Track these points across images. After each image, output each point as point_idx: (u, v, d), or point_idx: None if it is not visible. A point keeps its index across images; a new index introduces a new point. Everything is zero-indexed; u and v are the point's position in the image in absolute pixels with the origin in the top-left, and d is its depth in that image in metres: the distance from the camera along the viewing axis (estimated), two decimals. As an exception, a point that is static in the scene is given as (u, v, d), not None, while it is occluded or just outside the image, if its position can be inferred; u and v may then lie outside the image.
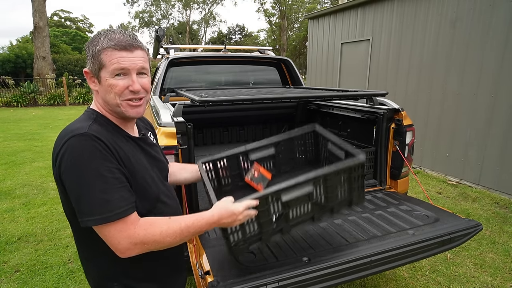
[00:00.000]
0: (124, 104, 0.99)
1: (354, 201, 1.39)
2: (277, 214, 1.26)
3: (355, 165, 1.32)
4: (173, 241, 0.97)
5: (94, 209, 0.87)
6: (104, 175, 0.88)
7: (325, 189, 1.31)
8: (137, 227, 0.92)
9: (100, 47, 0.94)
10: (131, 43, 0.96)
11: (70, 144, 0.89)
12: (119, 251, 0.91)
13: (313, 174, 1.26)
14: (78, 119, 1.00)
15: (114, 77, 0.95)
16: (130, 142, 1.04)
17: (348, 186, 1.35)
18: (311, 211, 1.32)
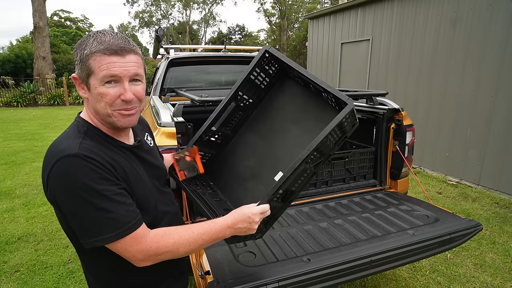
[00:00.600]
0: (115, 114, 0.91)
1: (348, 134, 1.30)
2: (280, 198, 1.14)
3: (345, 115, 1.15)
4: (188, 250, 0.93)
5: (101, 230, 0.84)
6: (105, 195, 0.84)
7: (318, 152, 1.17)
8: (148, 240, 0.90)
9: (89, 51, 0.85)
10: (122, 46, 0.87)
11: (61, 168, 0.83)
12: (136, 262, 0.90)
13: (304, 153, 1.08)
14: (67, 134, 0.93)
15: (104, 84, 0.87)
16: (124, 152, 0.98)
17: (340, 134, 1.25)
18: (309, 172, 1.21)
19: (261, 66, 1.35)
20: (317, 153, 1.16)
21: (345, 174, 2.39)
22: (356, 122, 1.27)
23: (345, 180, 2.39)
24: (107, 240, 0.85)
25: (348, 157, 2.36)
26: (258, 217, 1.01)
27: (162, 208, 1.07)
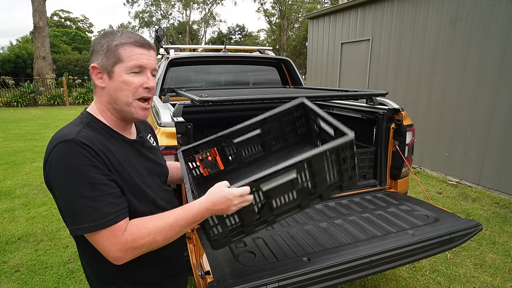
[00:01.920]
0: (135, 105, 0.97)
1: (345, 184, 1.25)
2: (259, 204, 1.14)
3: (342, 144, 1.17)
4: (165, 238, 0.92)
5: (83, 218, 0.85)
6: (91, 183, 0.85)
7: (310, 174, 1.18)
8: (125, 233, 0.88)
9: (118, 42, 0.93)
10: (147, 42, 0.98)
11: (57, 151, 0.86)
12: (112, 259, 0.89)
13: (293, 160, 1.12)
14: (70, 123, 0.96)
15: (130, 73, 0.94)
16: (125, 145, 1.01)
17: (337, 168, 1.22)
18: (296, 198, 1.20)
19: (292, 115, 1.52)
20: (309, 175, 1.16)
21: (345, 174, 2.38)
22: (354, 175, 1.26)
23: (345, 180, 2.38)
24: (85, 229, 0.85)
25: (348, 157, 2.35)
26: (237, 200, 0.99)
27: (161, 204, 1.08)
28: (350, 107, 2.80)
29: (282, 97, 2.04)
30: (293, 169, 1.13)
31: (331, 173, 1.21)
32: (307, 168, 1.16)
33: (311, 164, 1.15)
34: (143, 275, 1.06)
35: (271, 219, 1.20)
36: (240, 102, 1.91)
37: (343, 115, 2.99)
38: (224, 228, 1.12)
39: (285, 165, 1.11)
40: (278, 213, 1.20)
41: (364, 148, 2.46)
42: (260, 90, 3.03)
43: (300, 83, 3.83)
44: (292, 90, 3.06)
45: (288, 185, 1.15)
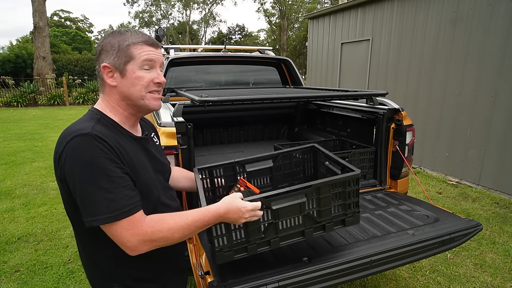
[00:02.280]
0: (148, 97, 1.02)
1: (348, 219, 1.36)
2: (266, 223, 1.22)
3: (350, 178, 1.30)
4: (181, 236, 0.97)
5: (100, 209, 0.87)
6: (108, 175, 0.88)
7: (317, 202, 1.28)
8: (144, 225, 0.92)
9: (130, 42, 0.98)
10: (156, 41, 1.04)
11: (73, 144, 0.88)
12: (129, 249, 0.91)
13: (304, 184, 1.25)
14: (81, 119, 0.99)
15: (142, 69, 0.99)
16: (133, 142, 1.04)
17: (342, 202, 1.33)
18: (301, 224, 1.29)
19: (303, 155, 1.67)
20: (316, 203, 1.28)
21: (345, 174, 2.38)
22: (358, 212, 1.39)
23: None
24: (102, 220, 0.88)
25: (348, 157, 2.36)
26: (248, 214, 1.08)
27: (165, 201, 1.10)
28: (350, 107, 2.79)
29: (282, 97, 2.04)
30: (303, 193, 1.24)
31: (336, 206, 1.33)
32: (315, 194, 1.27)
33: (320, 191, 1.27)
34: (144, 272, 1.07)
35: (274, 241, 1.28)
36: (240, 102, 1.91)
37: (343, 115, 2.99)
38: (229, 241, 1.19)
39: (296, 187, 1.23)
40: (282, 236, 1.28)
41: (364, 148, 2.46)
42: (260, 90, 3.03)
43: (300, 83, 3.83)
44: (292, 90, 3.06)
45: (296, 208, 1.25)
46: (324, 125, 3.45)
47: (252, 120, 3.85)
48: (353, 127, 2.93)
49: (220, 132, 3.78)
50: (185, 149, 1.80)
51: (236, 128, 3.84)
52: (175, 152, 1.71)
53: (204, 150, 3.53)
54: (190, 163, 1.84)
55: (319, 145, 1.64)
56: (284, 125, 4.06)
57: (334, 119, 3.23)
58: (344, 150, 2.62)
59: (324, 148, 1.60)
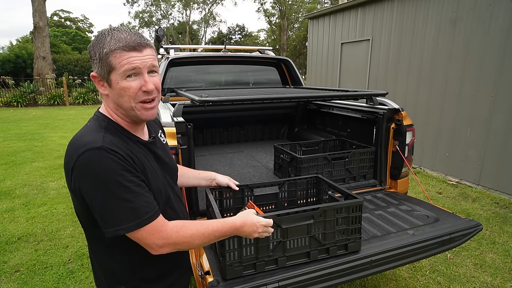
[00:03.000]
0: (138, 107, 0.96)
1: (350, 245, 1.46)
2: (274, 242, 1.33)
3: (353, 204, 1.41)
4: (200, 243, 1.02)
5: (123, 218, 0.89)
6: (126, 186, 0.88)
7: (323, 224, 1.39)
8: (168, 229, 0.95)
9: (108, 49, 0.89)
10: (139, 42, 0.92)
11: (87, 158, 0.87)
12: (153, 250, 0.94)
13: (312, 206, 1.38)
14: (89, 128, 0.96)
15: (126, 78, 0.92)
16: (141, 147, 1.03)
17: (345, 227, 1.43)
18: (307, 245, 1.39)
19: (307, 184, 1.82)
20: (322, 225, 1.39)
21: (345, 174, 2.39)
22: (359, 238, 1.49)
23: (345, 180, 2.39)
24: (127, 229, 0.90)
25: (348, 157, 2.36)
26: (261, 229, 1.14)
27: (173, 204, 1.11)
28: (350, 107, 2.80)
29: (282, 97, 2.05)
30: (311, 214, 1.36)
31: (340, 230, 1.43)
32: (321, 217, 1.38)
33: (326, 214, 1.38)
34: (154, 272, 1.09)
35: (282, 260, 1.36)
36: (240, 102, 1.91)
37: (343, 115, 2.99)
38: (240, 256, 1.28)
39: (304, 208, 1.36)
40: (289, 256, 1.37)
41: (364, 148, 2.46)
42: (260, 90, 3.03)
43: (300, 83, 3.83)
44: (292, 90, 3.06)
45: (303, 229, 1.36)
46: (324, 125, 3.45)
47: (252, 120, 3.85)
48: (353, 127, 2.93)
49: (220, 132, 3.78)
50: (185, 149, 1.80)
51: (236, 128, 3.84)
52: (175, 152, 1.71)
53: (204, 150, 3.53)
54: (190, 163, 1.84)
55: (323, 176, 1.79)
56: (284, 125, 4.06)
57: (334, 119, 3.23)
58: (344, 150, 2.62)
59: (327, 179, 1.73)
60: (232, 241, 1.26)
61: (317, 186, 1.81)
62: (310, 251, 1.40)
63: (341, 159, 2.35)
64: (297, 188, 1.81)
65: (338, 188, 1.61)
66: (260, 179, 2.57)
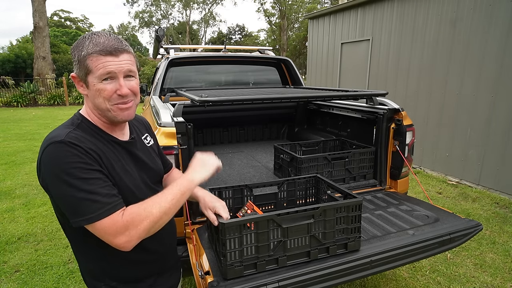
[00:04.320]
0: (114, 108, 0.98)
1: (350, 244, 1.46)
2: (275, 241, 1.33)
3: (353, 204, 1.42)
4: (160, 209, 0.95)
5: (83, 210, 0.88)
6: (85, 178, 0.89)
7: (323, 224, 1.39)
8: (123, 217, 0.92)
9: (86, 53, 0.93)
10: (116, 47, 0.95)
11: (48, 152, 0.91)
12: (119, 245, 0.91)
13: (313, 206, 1.37)
14: (61, 125, 1.00)
15: (102, 81, 0.94)
16: (115, 147, 1.03)
17: (345, 226, 1.43)
18: (308, 245, 1.39)
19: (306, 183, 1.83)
20: (322, 225, 1.39)
21: (345, 174, 2.39)
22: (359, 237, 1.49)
23: (345, 180, 2.39)
24: (87, 220, 0.89)
25: (348, 157, 2.36)
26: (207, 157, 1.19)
27: None
28: (350, 107, 2.79)
29: (282, 97, 2.04)
30: (312, 213, 1.36)
31: (339, 230, 1.44)
32: (321, 216, 1.38)
33: (326, 214, 1.38)
34: (130, 272, 1.08)
35: (282, 259, 1.36)
36: (240, 102, 1.91)
37: (343, 115, 2.99)
38: (241, 255, 1.28)
39: (305, 207, 1.36)
40: (290, 255, 1.37)
41: (364, 148, 2.46)
42: (260, 90, 3.03)
43: (300, 83, 3.83)
44: (292, 90, 3.06)
45: (304, 228, 1.36)
46: (324, 125, 3.45)
47: (252, 120, 3.85)
48: (353, 127, 2.93)
49: (220, 132, 3.78)
50: (185, 149, 1.80)
51: (236, 128, 3.84)
52: (175, 152, 1.71)
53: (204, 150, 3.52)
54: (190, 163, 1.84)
55: (322, 176, 1.78)
56: (284, 125, 4.06)
57: (334, 119, 3.23)
58: (344, 150, 2.62)
59: (326, 178, 1.73)
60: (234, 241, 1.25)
61: (316, 186, 1.81)
62: (310, 250, 1.40)
63: (341, 159, 2.35)
64: (296, 188, 1.81)
65: (337, 187, 1.61)
66: (260, 179, 2.57)
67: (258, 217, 1.29)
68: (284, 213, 1.32)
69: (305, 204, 1.84)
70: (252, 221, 1.29)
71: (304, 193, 1.84)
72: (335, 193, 1.65)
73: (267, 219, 1.30)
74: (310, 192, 1.84)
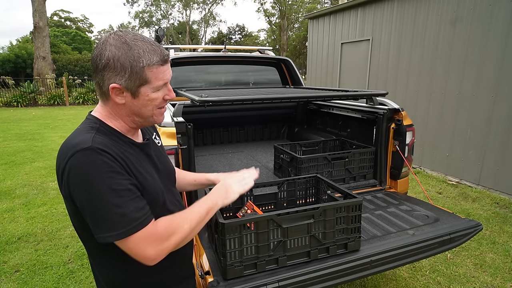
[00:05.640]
0: (156, 113, 0.98)
1: (350, 244, 1.47)
2: (275, 241, 1.34)
3: (353, 204, 1.43)
4: (191, 227, 0.97)
5: (112, 225, 0.85)
6: (115, 189, 0.85)
7: (323, 224, 1.39)
8: (158, 229, 0.91)
9: (145, 63, 0.89)
10: (167, 54, 0.94)
11: (75, 160, 0.84)
12: (148, 260, 0.89)
13: (313, 206, 1.38)
14: (80, 130, 0.94)
15: (156, 91, 0.94)
16: (135, 149, 1.00)
17: (345, 226, 1.44)
18: (308, 245, 1.39)
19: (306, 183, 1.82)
20: (322, 225, 1.39)
21: (345, 174, 2.39)
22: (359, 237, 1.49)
23: (345, 180, 2.39)
24: (116, 236, 0.85)
25: (348, 157, 2.36)
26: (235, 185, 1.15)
27: (170, 207, 1.08)
28: (350, 107, 2.80)
29: (282, 97, 2.05)
30: (312, 213, 1.36)
31: (339, 230, 1.44)
32: (321, 216, 1.38)
33: (326, 214, 1.39)
34: (152, 282, 1.06)
35: (282, 259, 1.36)
36: (240, 102, 1.91)
37: (343, 115, 2.99)
38: (241, 255, 1.29)
39: (305, 208, 1.36)
40: (290, 255, 1.38)
41: (364, 148, 2.46)
42: (260, 90, 3.03)
43: (300, 83, 3.83)
44: (292, 90, 3.06)
45: (304, 228, 1.36)
46: (324, 125, 3.45)
47: (252, 120, 3.85)
48: (353, 127, 2.93)
49: (220, 132, 3.78)
50: (185, 149, 1.80)
51: (236, 128, 3.84)
52: (175, 152, 1.71)
53: (204, 150, 3.53)
54: (190, 163, 1.84)
55: (322, 176, 1.78)
56: (284, 125, 4.06)
57: (334, 119, 3.23)
58: (344, 150, 2.62)
59: (326, 178, 1.73)
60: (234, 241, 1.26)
61: (316, 186, 1.81)
62: (310, 250, 1.40)
63: (341, 159, 2.35)
64: (296, 188, 1.81)
65: (337, 187, 1.61)
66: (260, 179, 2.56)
67: (258, 217, 1.29)
68: (284, 213, 1.32)
69: (305, 204, 1.83)
70: (252, 221, 1.28)
71: (304, 193, 1.84)
72: (335, 193, 1.65)
73: (267, 219, 1.30)
74: (310, 192, 1.83)
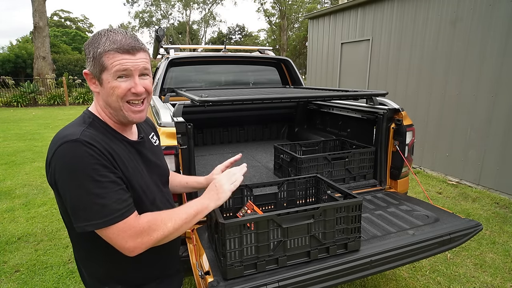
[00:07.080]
0: (126, 108, 0.97)
1: (350, 244, 1.47)
2: (275, 241, 1.34)
3: (353, 204, 1.43)
4: (174, 227, 0.97)
5: (92, 215, 0.87)
6: (98, 180, 0.87)
7: (323, 224, 1.39)
8: (140, 222, 0.92)
9: (102, 50, 0.92)
10: (133, 45, 0.94)
11: (62, 151, 0.87)
12: (127, 251, 0.91)
13: (313, 206, 1.37)
14: (73, 123, 0.98)
15: (117, 79, 0.94)
16: (127, 146, 1.02)
17: (345, 226, 1.44)
18: (308, 245, 1.39)
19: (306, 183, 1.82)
20: (322, 225, 1.39)
21: (345, 174, 2.39)
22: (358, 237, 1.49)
23: (345, 180, 2.39)
24: (95, 226, 0.88)
25: (348, 157, 2.36)
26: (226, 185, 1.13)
27: (160, 205, 1.09)
28: (350, 107, 2.79)
29: (282, 97, 2.04)
30: (312, 213, 1.37)
31: (339, 230, 1.44)
32: (321, 216, 1.38)
33: (326, 214, 1.39)
34: (135, 276, 1.08)
35: (282, 260, 1.36)
36: (240, 102, 1.91)
37: (343, 115, 2.99)
38: (241, 255, 1.28)
39: (305, 208, 1.36)
40: (290, 255, 1.37)
41: (364, 148, 2.46)
42: (260, 90, 3.03)
43: (300, 83, 3.83)
44: (292, 90, 3.05)
45: (304, 228, 1.36)
46: (324, 125, 3.45)
47: (252, 120, 3.85)
48: (353, 127, 2.93)
49: (220, 132, 3.78)
50: (185, 149, 1.80)
51: (236, 128, 3.84)
52: (175, 152, 1.71)
53: (204, 150, 3.53)
54: (190, 163, 1.84)
55: (322, 176, 1.78)
56: (284, 125, 4.06)
57: (334, 119, 3.23)
58: (344, 150, 2.62)
59: (326, 178, 1.73)
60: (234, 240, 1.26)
61: (316, 186, 1.81)
62: (310, 250, 1.40)
63: (341, 159, 2.35)
64: (296, 188, 1.81)
65: (337, 187, 1.61)
66: (260, 179, 2.57)
67: (258, 217, 1.29)
68: (284, 213, 1.32)
69: (305, 204, 1.83)
70: (252, 221, 1.28)
71: (304, 193, 1.83)
72: (335, 193, 1.65)
73: (267, 219, 1.29)
74: (310, 192, 1.83)
